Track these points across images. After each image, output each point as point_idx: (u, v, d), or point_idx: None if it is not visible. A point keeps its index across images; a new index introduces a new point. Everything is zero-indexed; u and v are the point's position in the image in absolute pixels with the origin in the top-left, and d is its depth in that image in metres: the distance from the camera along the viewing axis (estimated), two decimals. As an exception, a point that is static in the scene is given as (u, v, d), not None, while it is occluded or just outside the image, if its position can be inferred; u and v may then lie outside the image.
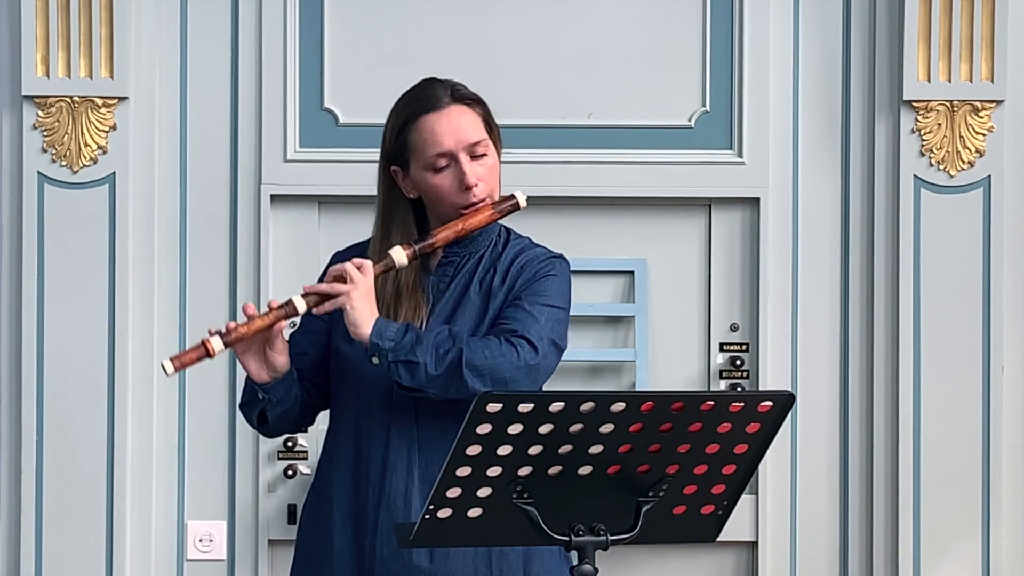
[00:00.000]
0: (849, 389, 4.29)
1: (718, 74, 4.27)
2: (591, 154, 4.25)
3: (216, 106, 4.25)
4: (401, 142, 2.99)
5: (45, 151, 4.18)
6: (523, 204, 3.00)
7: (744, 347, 4.29)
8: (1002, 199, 4.23)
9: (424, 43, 4.24)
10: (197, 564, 4.25)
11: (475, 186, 2.96)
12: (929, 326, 4.21)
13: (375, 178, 3.05)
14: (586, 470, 2.53)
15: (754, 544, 4.28)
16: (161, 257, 4.24)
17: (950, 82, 4.20)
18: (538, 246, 3.06)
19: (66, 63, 4.16)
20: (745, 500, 3.85)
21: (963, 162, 4.22)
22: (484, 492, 2.52)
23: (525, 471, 2.51)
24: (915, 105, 4.21)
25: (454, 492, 2.51)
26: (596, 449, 2.51)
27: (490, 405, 2.44)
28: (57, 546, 4.17)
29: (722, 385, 4.29)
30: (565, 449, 2.50)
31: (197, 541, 4.25)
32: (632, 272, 4.28)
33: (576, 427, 2.48)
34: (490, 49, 4.25)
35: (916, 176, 4.22)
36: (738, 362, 4.27)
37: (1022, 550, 4.26)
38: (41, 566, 4.16)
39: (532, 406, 2.44)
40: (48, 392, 4.17)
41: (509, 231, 3.08)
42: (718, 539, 2.68)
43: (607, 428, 2.49)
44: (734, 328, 4.30)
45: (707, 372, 4.30)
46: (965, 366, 4.23)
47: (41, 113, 4.18)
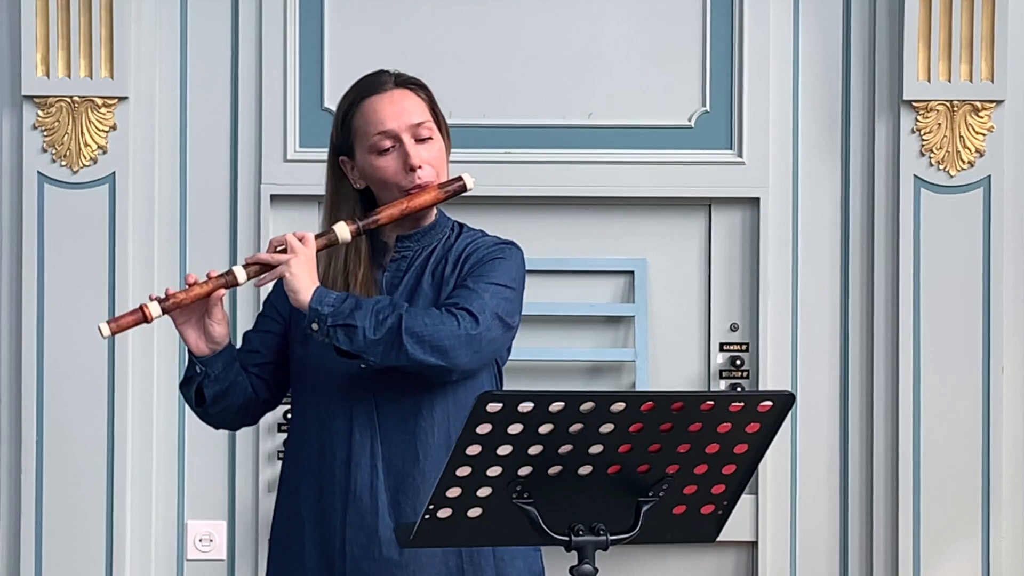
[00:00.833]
0: (849, 389, 4.29)
1: (718, 74, 4.27)
2: (591, 154, 4.25)
3: (216, 106, 4.25)
4: (347, 128, 3.00)
5: (45, 151, 4.18)
6: (470, 186, 2.98)
7: (744, 347, 4.29)
8: (1002, 199, 4.23)
9: (424, 43, 4.23)
10: (197, 564, 4.25)
11: (419, 168, 2.95)
12: (929, 326, 4.21)
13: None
14: (586, 470, 2.53)
15: (754, 544, 4.27)
16: (161, 257, 4.23)
17: (950, 82, 4.20)
18: (491, 236, 3.06)
19: (66, 63, 4.16)
20: (745, 500, 3.85)
21: (963, 162, 4.22)
22: (484, 492, 2.52)
23: (525, 471, 2.51)
24: (915, 105, 4.21)
25: (454, 492, 2.51)
26: (596, 449, 2.51)
27: (490, 405, 2.44)
28: (57, 546, 4.17)
29: (722, 385, 4.29)
30: (565, 449, 2.50)
31: (197, 541, 4.25)
32: (632, 272, 4.28)
33: (576, 427, 2.48)
34: (490, 49, 4.25)
35: (916, 176, 4.22)
36: (738, 362, 4.27)
37: (1022, 550, 4.26)
38: (41, 566, 4.16)
39: (532, 406, 2.44)
40: (48, 392, 4.17)
41: (462, 225, 3.08)
42: (718, 539, 2.68)
43: (607, 428, 2.49)
44: (734, 328, 4.30)
45: (707, 372, 4.30)
46: (965, 366, 4.22)
47: (41, 113, 4.18)
